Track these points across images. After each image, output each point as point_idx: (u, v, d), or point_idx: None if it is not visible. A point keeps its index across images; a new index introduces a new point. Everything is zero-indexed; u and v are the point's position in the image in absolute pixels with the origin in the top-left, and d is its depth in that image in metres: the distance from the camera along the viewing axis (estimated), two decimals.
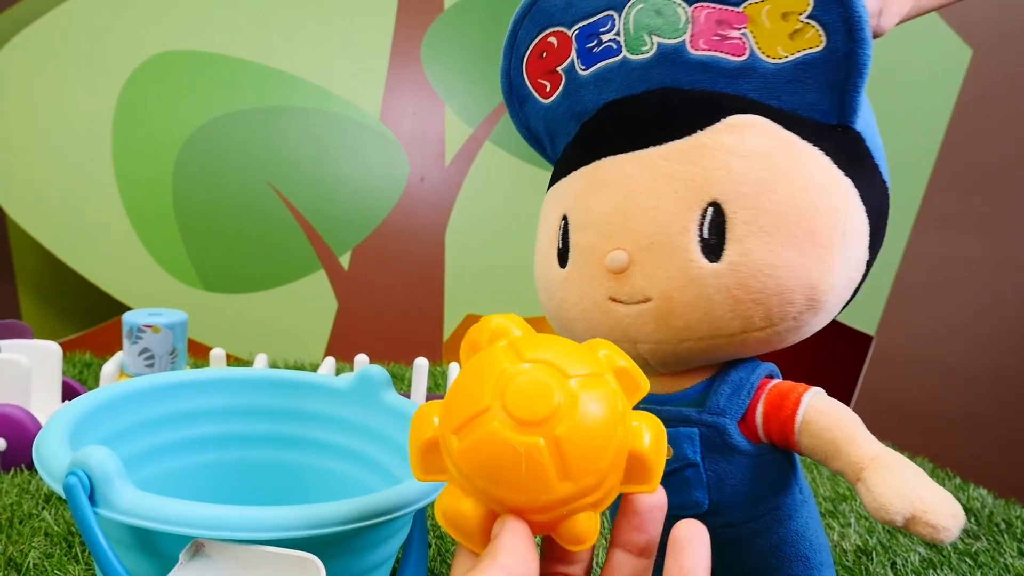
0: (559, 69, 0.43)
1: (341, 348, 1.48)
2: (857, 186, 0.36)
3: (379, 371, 0.49)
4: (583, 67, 0.41)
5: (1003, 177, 1.27)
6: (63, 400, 0.75)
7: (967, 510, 0.78)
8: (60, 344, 0.75)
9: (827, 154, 0.35)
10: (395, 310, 1.53)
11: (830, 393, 0.39)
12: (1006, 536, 0.71)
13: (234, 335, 1.40)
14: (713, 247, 0.35)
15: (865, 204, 0.36)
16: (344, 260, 1.47)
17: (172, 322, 0.72)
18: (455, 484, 0.26)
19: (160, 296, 1.36)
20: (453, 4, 1.50)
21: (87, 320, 1.44)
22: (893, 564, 0.64)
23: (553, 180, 0.44)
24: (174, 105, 1.36)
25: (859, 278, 0.38)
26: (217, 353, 0.74)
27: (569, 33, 0.42)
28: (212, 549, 0.32)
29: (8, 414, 0.65)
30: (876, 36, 0.40)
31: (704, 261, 0.35)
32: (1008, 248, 1.22)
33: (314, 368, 1.12)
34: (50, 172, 1.29)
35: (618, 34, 0.39)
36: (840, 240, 0.35)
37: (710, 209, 0.35)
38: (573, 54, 0.42)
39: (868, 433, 0.35)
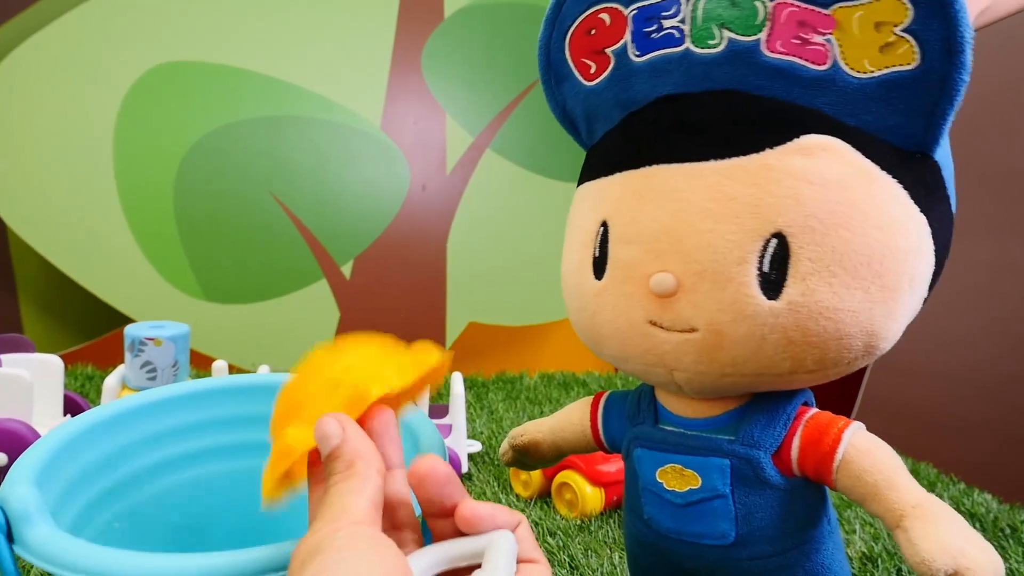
0: (608, 51, 0.38)
1: None
2: (930, 222, 0.33)
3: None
4: (637, 53, 0.37)
5: (1006, 182, 1.27)
6: (65, 414, 0.75)
7: (971, 516, 0.78)
8: (61, 356, 0.75)
9: (905, 187, 0.32)
10: (397, 319, 1.53)
11: (833, 399, 0.38)
12: (1011, 541, 0.71)
13: (236, 346, 1.40)
14: (773, 282, 0.32)
15: (935, 242, 0.34)
16: (346, 269, 1.47)
17: (174, 335, 0.72)
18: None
19: (162, 307, 1.36)
20: (453, 12, 1.50)
21: (89, 332, 1.44)
22: (899, 571, 0.64)
23: (589, 172, 0.40)
24: (176, 115, 1.36)
25: (912, 317, 0.35)
26: (219, 365, 0.74)
27: (625, 12, 0.37)
28: None
29: (9, 429, 0.65)
30: None
31: (761, 297, 0.32)
32: (1012, 253, 1.22)
33: None
34: (51, 183, 1.29)
35: (683, 21, 0.35)
36: (908, 285, 0.32)
37: (773, 240, 0.32)
38: (627, 36, 0.37)
39: (910, 477, 0.33)
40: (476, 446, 0.81)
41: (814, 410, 0.37)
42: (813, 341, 0.32)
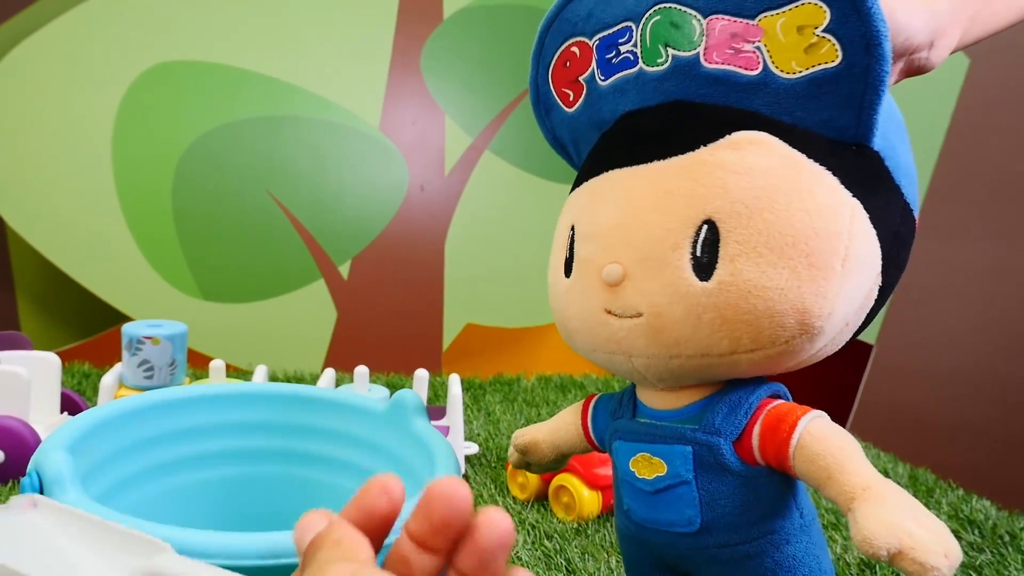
0: (581, 79, 0.43)
1: (340, 358, 1.47)
2: (867, 208, 0.35)
3: (413, 397, 0.49)
4: (603, 77, 0.41)
5: (1001, 185, 1.27)
6: (62, 412, 0.75)
7: (970, 522, 0.78)
8: (58, 353, 0.74)
9: (835, 174, 0.34)
10: (395, 319, 1.53)
11: (830, 403, 0.39)
12: (1010, 548, 0.71)
13: (233, 345, 1.40)
14: (705, 265, 0.35)
15: (877, 228, 0.35)
16: (344, 269, 1.47)
17: (172, 334, 0.72)
18: None
19: (159, 306, 1.35)
20: (452, 14, 1.50)
21: (86, 329, 1.44)
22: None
23: (572, 189, 0.44)
24: (174, 115, 1.36)
25: (869, 304, 0.37)
26: (217, 365, 0.74)
27: (590, 43, 0.42)
28: (45, 508, 0.28)
29: (6, 426, 0.64)
30: (925, 71, 0.39)
31: (694, 279, 0.35)
32: (1008, 256, 1.22)
33: (314, 379, 1.12)
34: (50, 181, 1.29)
35: (635, 45, 0.39)
36: (840, 265, 0.34)
37: (704, 227, 0.35)
38: (594, 64, 0.42)
39: (865, 461, 0.34)
40: (473, 448, 0.81)
41: (779, 401, 0.39)
42: (746, 319, 0.34)
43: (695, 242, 0.35)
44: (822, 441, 0.35)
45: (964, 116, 1.31)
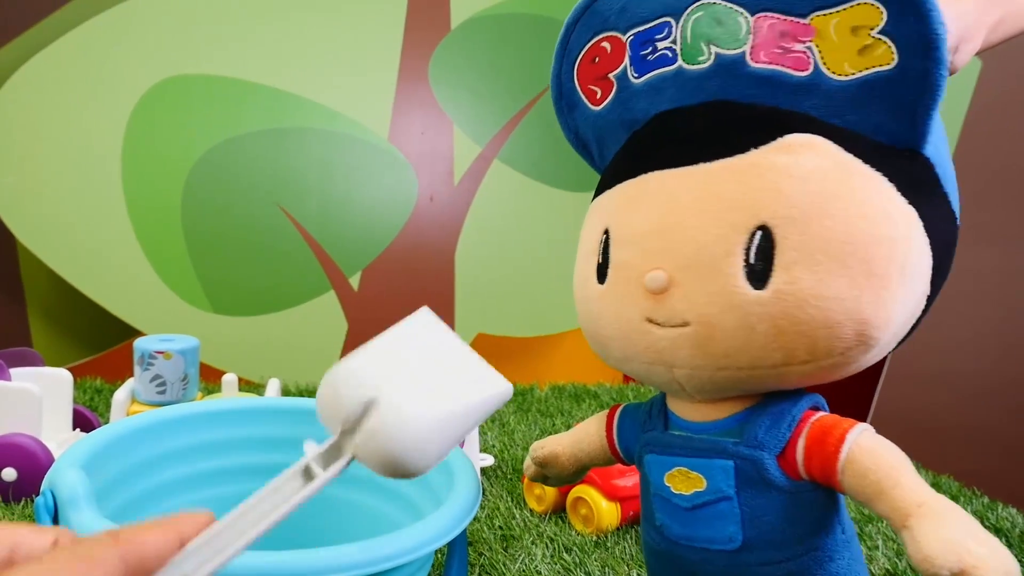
0: (611, 76, 0.41)
1: None
2: (922, 216, 0.34)
3: None
4: (636, 75, 0.40)
5: (1016, 188, 1.26)
6: (74, 428, 0.74)
7: (996, 531, 0.76)
8: (70, 369, 0.74)
9: (890, 180, 0.33)
10: None
11: (846, 409, 0.38)
12: None
13: (244, 358, 1.39)
14: (759, 273, 0.33)
15: (930, 236, 0.34)
16: (354, 281, 1.47)
17: (184, 348, 0.71)
18: None
19: (170, 319, 1.35)
20: (460, 23, 1.50)
21: (98, 344, 1.44)
22: None
23: (598, 190, 0.42)
24: (183, 129, 1.36)
25: (917, 314, 0.36)
26: (229, 379, 0.73)
27: (623, 38, 0.40)
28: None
29: (19, 443, 0.64)
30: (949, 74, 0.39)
31: (748, 287, 0.33)
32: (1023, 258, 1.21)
33: None
34: (60, 197, 1.29)
35: (674, 42, 0.37)
36: (898, 274, 0.33)
37: (758, 233, 0.33)
38: (626, 61, 0.40)
39: (916, 476, 0.33)
40: (489, 460, 0.80)
41: (821, 414, 0.37)
42: (802, 329, 0.33)
43: (748, 249, 0.33)
44: (873, 455, 0.33)
45: (976, 119, 1.30)
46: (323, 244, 1.44)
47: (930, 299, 0.36)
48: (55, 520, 0.32)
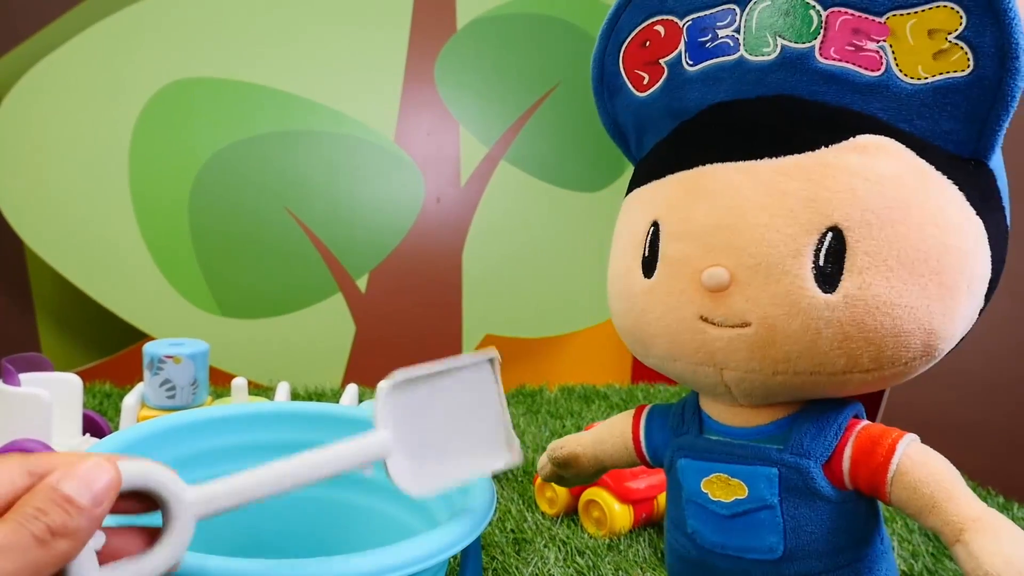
0: (662, 61, 0.39)
1: (360, 371, 1.46)
2: (986, 227, 0.33)
3: None
4: (691, 62, 0.38)
5: (1020, 184, 1.25)
6: (84, 433, 0.74)
7: None
8: (79, 373, 0.74)
9: (960, 189, 0.32)
10: (413, 332, 1.52)
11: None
12: None
13: (253, 361, 1.39)
14: (828, 276, 0.32)
15: (991, 249, 0.33)
16: (361, 283, 1.46)
17: (193, 352, 0.71)
18: None
19: (178, 323, 1.35)
20: (466, 24, 1.50)
21: (106, 348, 1.44)
22: None
23: (638, 180, 0.41)
24: (190, 132, 1.36)
25: (970, 326, 0.35)
26: (239, 383, 0.73)
27: (680, 23, 0.38)
28: (404, 381, 0.34)
29: (29, 450, 0.64)
30: None
31: (817, 291, 0.32)
32: None
33: (335, 394, 1.11)
34: (67, 200, 1.29)
35: (737, 31, 0.36)
36: (966, 285, 0.32)
37: (829, 234, 0.32)
38: (681, 46, 0.38)
39: (968, 489, 0.32)
40: None
41: (865, 422, 0.36)
42: (870, 337, 0.32)
43: (818, 250, 0.32)
44: (924, 468, 0.33)
45: None
46: (330, 246, 1.44)
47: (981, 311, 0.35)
48: None
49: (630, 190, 0.42)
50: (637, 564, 0.63)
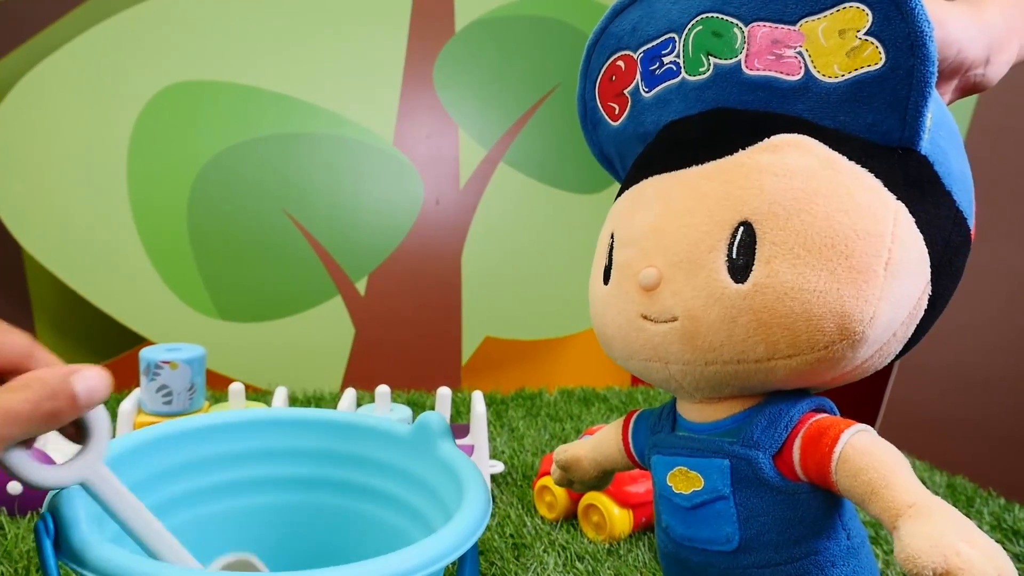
0: (626, 92, 0.43)
1: (359, 375, 1.46)
2: (913, 212, 0.34)
3: (438, 420, 0.47)
4: (646, 89, 0.42)
5: (1020, 184, 1.25)
6: None
7: (1014, 532, 0.75)
8: None
9: (877, 176, 0.33)
10: (413, 335, 1.51)
11: (855, 408, 0.38)
12: None
13: (251, 365, 1.39)
14: (741, 268, 0.34)
15: (925, 233, 0.34)
16: (360, 286, 1.46)
17: (190, 357, 0.71)
18: None
19: (176, 326, 1.35)
20: (465, 26, 1.49)
21: (104, 352, 1.43)
22: None
23: (615, 199, 0.44)
24: (189, 134, 1.36)
25: (919, 314, 0.35)
26: (236, 388, 0.73)
27: (635, 56, 0.42)
28: None
29: None
30: (982, 88, 0.39)
31: (730, 281, 0.34)
32: None
33: (333, 398, 1.10)
34: (65, 204, 1.29)
35: (678, 56, 0.39)
36: (883, 268, 0.33)
37: (741, 228, 0.34)
38: (638, 76, 0.42)
39: (912, 477, 0.32)
40: (499, 466, 0.79)
41: (823, 415, 0.37)
42: (782, 322, 0.33)
43: (731, 244, 0.35)
44: (866, 455, 0.33)
45: (984, 115, 1.29)
46: (329, 249, 1.44)
47: (937, 299, 0.36)
48: (56, 545, 0.31)
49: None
50: (637, 569, 0.62)
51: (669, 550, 0.42)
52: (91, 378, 0.31)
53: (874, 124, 0.34)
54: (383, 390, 0.74)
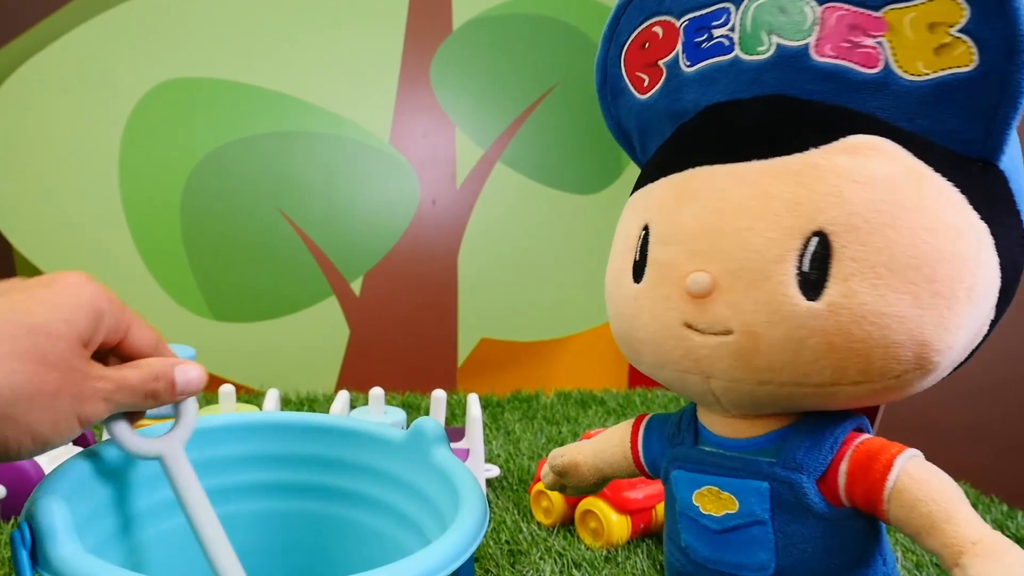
0: (661, 63, 0.39)
1: (354, 375, 1.45)
2: (993, 233, 0.31)
3: (433, 426, 0.45)
4: (688, 63, 0.37)
5: None
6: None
7: (1017, 540, 0.74)
8: None
9: (962, 192, 0.31)
10: (408, 336, 1.50)
11: (854, 410, 0.36)
12: None
13: (245, 365, 1.37)
14: (813, 283, 0.31)
15: (1000, 255, 0.32)
16: (356, 286, 1.45)
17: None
18: None
19: (169, 327, 1.33)
20: (462, 24, 1.48)
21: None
22: None
23: (638, 183, 0.40)
24: (182, 132, 1.34)
25: (979, 340, 0.33)
26: (226, 390, 0.71)
27: (677, 24, 0.38)
28: None
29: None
30: None
31: (800, 297, 0.31)
32: None
33: (327, 399, 1.09)
34: (56, 202, 1.27)
35: (732, 29, 0.35)
36: (965, 294, 0.30)
37: (814, 239, 0.31)
38: (679, 47, 0.38)
39: (970, 509, 0.30)
40: (494, 471, 0.78)
41: (866, 435, 0.35)
42: (856, 347, 0.30)
43: (802, 255, 0.31)
44: (923, 485, 0.31)
45: None
46: (324, 249, 1.42)
47: (993, 323, 0.34)
48: (32, 555, 0.30)
49: (632, 192, 0.41)
50: None
51: (686, 570, 0.39)
52: (190, 371, 0.37)
53: (955, 131, 0.31)
54: (377, 393, 0.73)
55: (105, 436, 0.69)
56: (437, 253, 1.50)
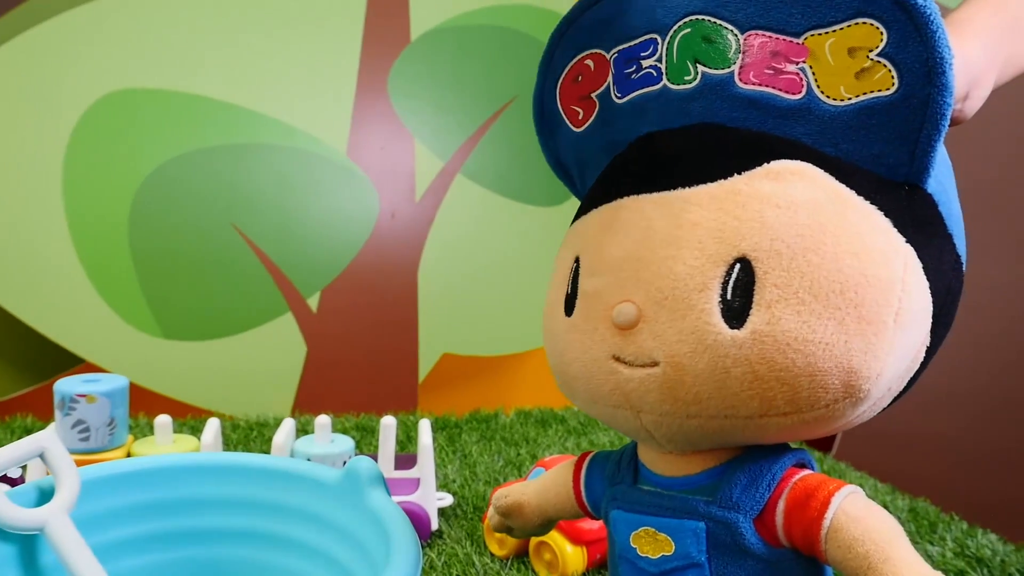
0: (593, 95, 0.39)
1: (311, 394, 1.41)
2: (921, 257, 0.30)
3: (368, 466, 0.43)
4: (619, 95, 0.37)
5: (982, 198, 1.25)
6: None
7: (978, 560, 0.73)
8: (4, 403, 0.67)
9: (887, 215, 0.30)
10: (368, 353, 1.47)
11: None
12: None
13: (197, 385, 1.33)
14: (737, 311, 0.30)
15: (930, 280, 0.31)
16: (312, 302, 1.41)
17: (109, 389, 0.65)
18: None
19: (117, 346, 1.29)
20: (421, 35, 1.46)
21: (40, 374, 1.36)
22: None
23: (576, 217, 0.40)
24: (130, 145, 1.30)
25: (914, 367, 0.32)
26: (162, 421, 0.67)
27: (608, 56, 0.37)
28: None
29: None
30: (958, 122, 0.36)
31: (723, 326, 0.30)
32: (1014, 270, 1.19)
33: (278, 424, 1.05)
34: None
35: (660, 60, 0.35)
36: (893, 319, 0.29)
37: (737, 266, 0.30)
38: (610, 79, 0.37)
39: (910, 548, 0.29)
40: (447, 499, 0.75)
41: (805, 471, 0.33)
42: (782, 376, 0.29)
43: (726, 283, 0.30)
44: (860, 524, 0.30)
45: (961, 129, 1.28)
46: (279, 264, 1.39)
47: (930, 351, 0.32)
48: None
49: (571, 225, 0.40)
50: None
51: None
52: None
53: (880, 155, 0.30)
54: (323, 421, 0.70)
55: (30, 473, 0.65)
56: (397, 267, 1.47)
